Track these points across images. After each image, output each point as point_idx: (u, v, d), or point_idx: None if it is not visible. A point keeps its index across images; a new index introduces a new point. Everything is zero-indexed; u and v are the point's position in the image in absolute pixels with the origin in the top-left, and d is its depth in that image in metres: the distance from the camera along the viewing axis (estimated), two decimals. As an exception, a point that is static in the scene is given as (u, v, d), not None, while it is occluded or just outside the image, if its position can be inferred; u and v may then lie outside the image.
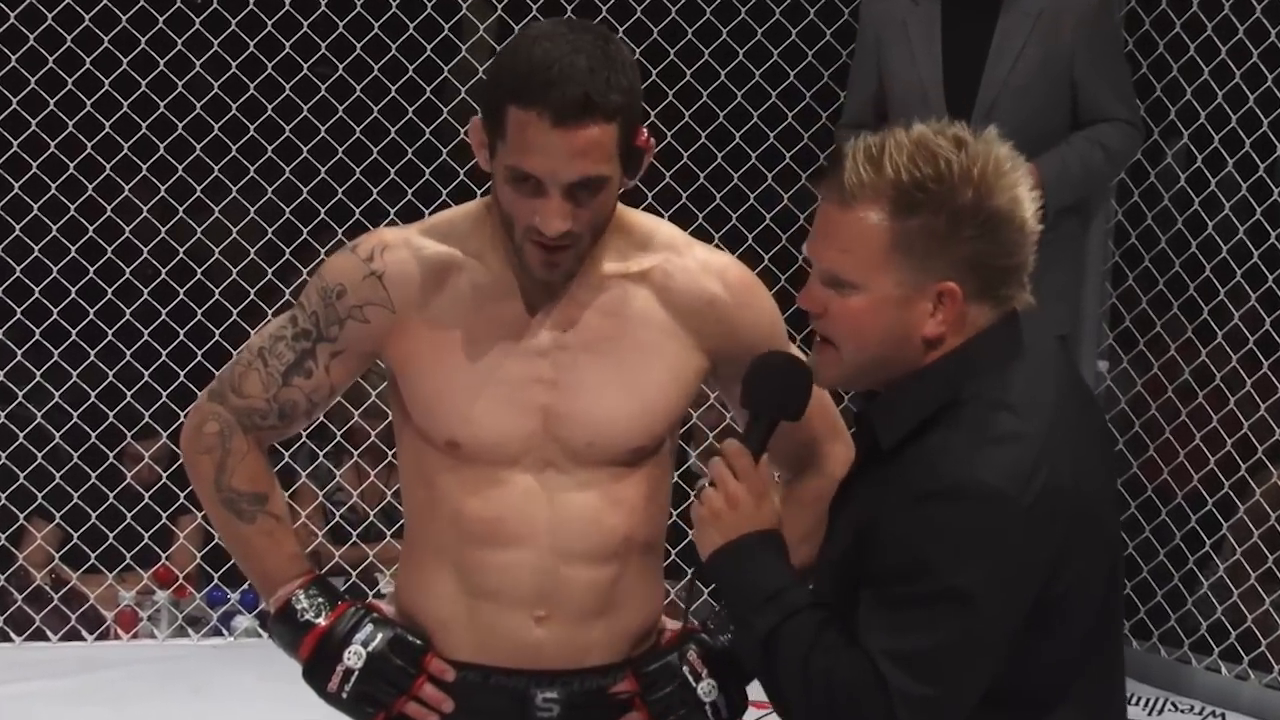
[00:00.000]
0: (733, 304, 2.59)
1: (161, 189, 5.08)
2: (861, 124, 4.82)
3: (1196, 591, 5.13)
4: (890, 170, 2.27)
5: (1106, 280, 5.21)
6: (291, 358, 2.59)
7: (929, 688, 2.25)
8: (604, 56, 2.42)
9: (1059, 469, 2.28)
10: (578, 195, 2.43)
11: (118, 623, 5.13)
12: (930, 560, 2.24)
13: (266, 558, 2.62)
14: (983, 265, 2.30)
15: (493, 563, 2.54)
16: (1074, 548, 2.31)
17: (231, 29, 4.97)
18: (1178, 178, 5.18)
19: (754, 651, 2.38)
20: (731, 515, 2.40)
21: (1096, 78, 4.66)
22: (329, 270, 2.59)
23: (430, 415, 2.55)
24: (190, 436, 2.64)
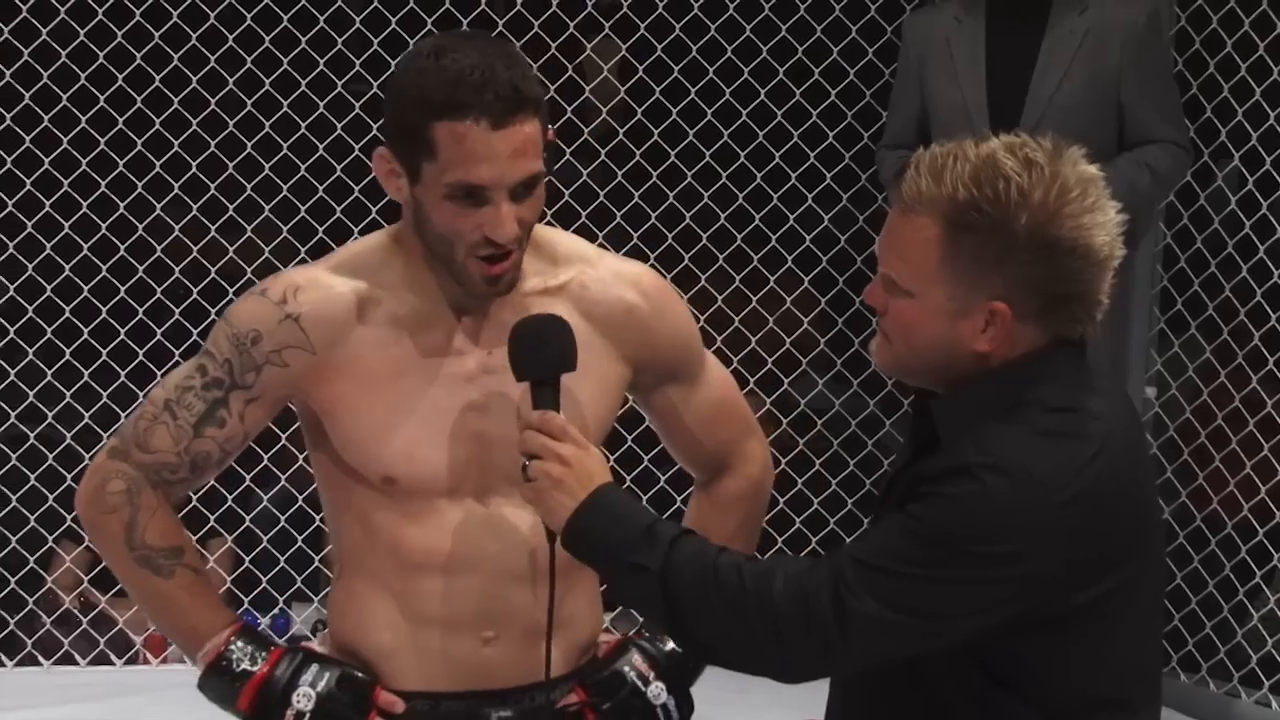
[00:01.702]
0: (650, 312, 2.60)
1: (194, 207, 5.05)
2: (903, 144, 4.78)
3: (1247, 624, 5.06)
4: (949, 184, 2.28)
5: (1154, 305, 5.15)
6: (202, 408, 2.53)
7: (877, 604, 2.24)
8: (507, 54, 2.42)
9: (1107, 475, 2.28)
10: (520, 196, 2.41)
11: (147, 647, 5.10)
12: (946, 516, 2.24)
13: (190, 612, 2.56)
14: (1040, 290, 2.30)
15: (437, 590, 2.53)
16: (1117, 554, 2.30)
17: (265, 46, 4.93)
18: (1228, 200, 5.11)
19: (652, 594, 2.33)
20: (571, 474, 2.38)
21: (1144, 98, 4.60)
22: (239, 316, 2.54)
23: (363, 454, 2.52)
24: (91, 498, 2.57)
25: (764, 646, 2.30)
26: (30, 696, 4.81)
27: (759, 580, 2.29)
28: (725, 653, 2.36)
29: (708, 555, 2.33)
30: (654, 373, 2.61)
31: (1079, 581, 2.28)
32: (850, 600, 2.25)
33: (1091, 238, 2.29)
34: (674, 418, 2.68)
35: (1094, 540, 2.28)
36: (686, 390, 2.66)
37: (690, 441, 2.70)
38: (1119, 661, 2.35)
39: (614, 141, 5.19)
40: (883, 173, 4.87)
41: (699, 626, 2.33)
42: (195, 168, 4.97)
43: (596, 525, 2.37)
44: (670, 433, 2.71)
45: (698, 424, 2.68)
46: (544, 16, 5.05)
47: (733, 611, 2.30)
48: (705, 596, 2.31)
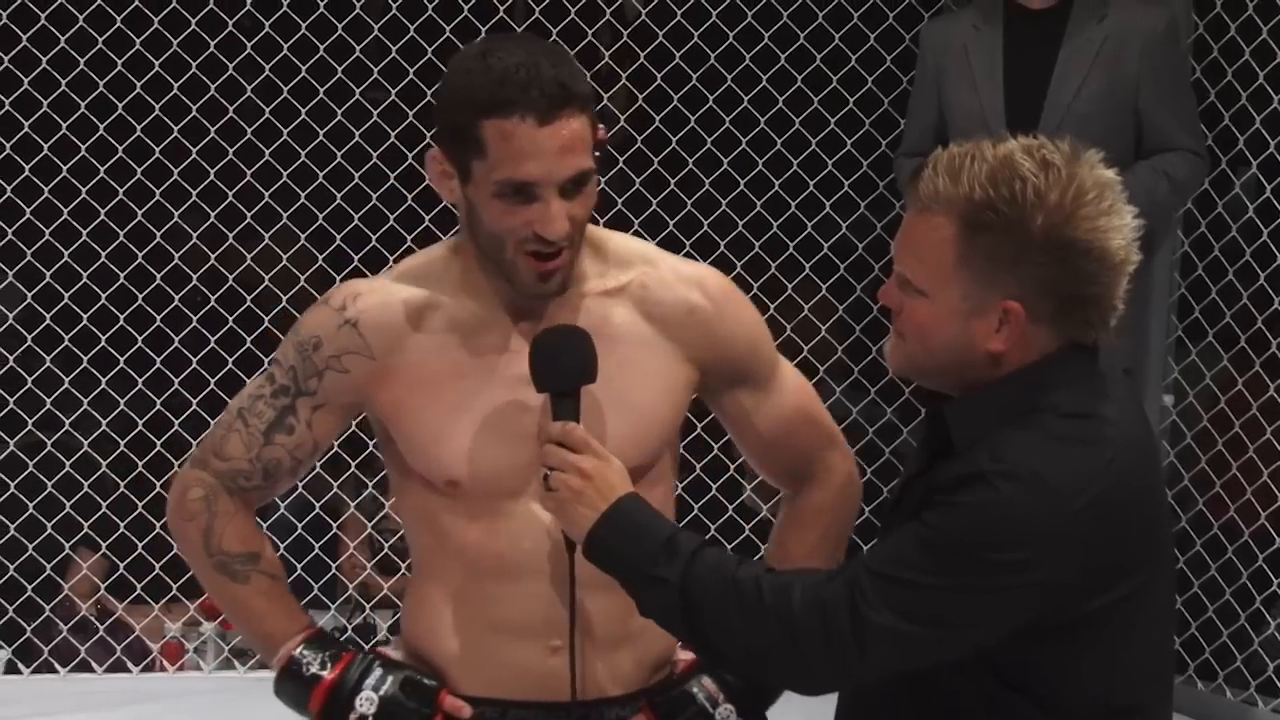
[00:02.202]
0: (713, 312, 2.59)
1: (211, 215, 5.05)
2: (921, 152, 4.77)
3: (1263, 632, 5.04)
4: (966, 184, 2.28)
5: (1172, 313, 5.14)
6: (272, 415, 2.58)
7: (894, 615, 2.25)
8: (554, 53, 2.43)
9: (1121, 482, 2.29)
10: (569, 193, 2.42)
11: (164, 654, 5.10)
12: (960, 524, 2.24)
13: (266, 618, 2.61)
14: (1055, 291, 2.30)
15: (503, 595, 2.54)
16: (1130, 561, 2.31)
17: (283, 54, 4.94)
18: (1246, 208, 5.10)
19: (672, 606, 2.34)
20: (591, 486, 2.39)
21: (1162, 106, 4.60)
22: (303, 324, 2.58)
23: (427, 458, 2.54)
24: (174, 507, 2.63)
25: (783, 659, 2.31)
26: (47, 704, 4.80)
27: (777, 593, 2.30)
28: (746, 665, 2.38)
29: (727, 568, 2.33)
30: (720, 374, 2.60)
31: (1093, 588, 2.28)
32: (867, 612, 2.25)
33: (1108, 241, 2.29)
34: (746, 424, 2.67)
35: (1108, 547, 2.28)
36: (758, 396, 2.65)
37: (765, 450, 2.69)
38: (1131, 668, 2.35)
39: (632, 149, 5.19)
40: (901, 180, 4.86)
41: (719, 639, 2.34)
42: (213, 175, 4.97)
43: (616, 537, 2.37)
44: (744, 440, 2.70)
45: (772, 431, 2.67)
46: (562, 24, 5.05)
47: (752, 624, 2.30)
48: (725, 609, 2.31)
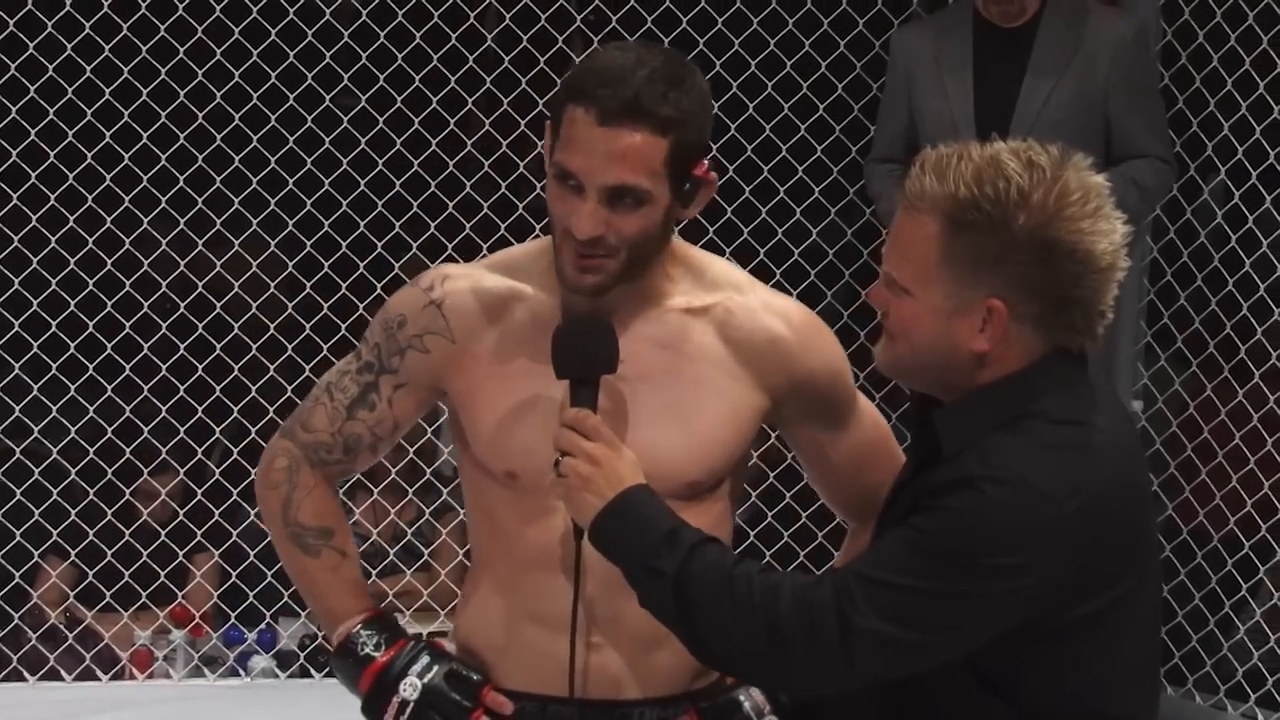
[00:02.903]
0: (796, 344, 2.57)
1: (181, 222, 5.03)
2: (891, 158, 4.78)
3: (1232, 636, 5.06)
4: (952, 183, 2.29)
5: (1141, 318, 5.15)
6: (356, 391, 2.63)
7: (881, 620, 2.25)
8: (669, 73, 2.42)
9: (1110, 488, 2.29)
10: (615, 204, 2.42)
11: (133, 662, 5.07)
12: (950, 529, 2.25)
13: (330, 593, 2.65)
14: (1039, 293, 2.30)
15: (547, 587, 2.53)
16: (1117, 567, 2.31)
17: (253, 60, 4.92)
18: (1214, 214, 5.12)
19: (666, 598, 2.35)
20: (600, 474, 2.40)
21: (1131, 113, 4.62)
22: (392, 303, 2.63)
23: (490, 447, 2.55)
24: (261, 473, 2.68)
25: (770, 659, 2.31)
26: (16, 713, 4.78)
27: (767, 593, 2.30)
28: (735, 663, 2.38)
29: (724, 564, 2.34)
30: (796, 407, 2.58)
31: (1080, 593, 2.29)
32: (855, 616, 2.26)
33: (1092, 244, 2.29)
34: (819, 457, 2.66)
35: (1096, 553, 2.28)
36: (833, 431, 2.64)
37: (836, 483, 2.69)
38: (1116, 677, 2.35)
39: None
40: (871, 187, 4.87)
41: (710, 635, 2.34)
42: (182, 182, 4.95)
43: (619, 526, 2.38)
44: (815, 472, 2.70)
45: (845, 466, 2.66)
46: (532, 31, 5.04)
47: (741, 622, 2.31)
48: (717, 605, 2.32)
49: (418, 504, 5.27)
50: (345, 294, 5.01)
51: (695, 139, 2.44)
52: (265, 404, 5.00)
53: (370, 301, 5.05)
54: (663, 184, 2.42)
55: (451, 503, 5.27)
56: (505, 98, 5.08)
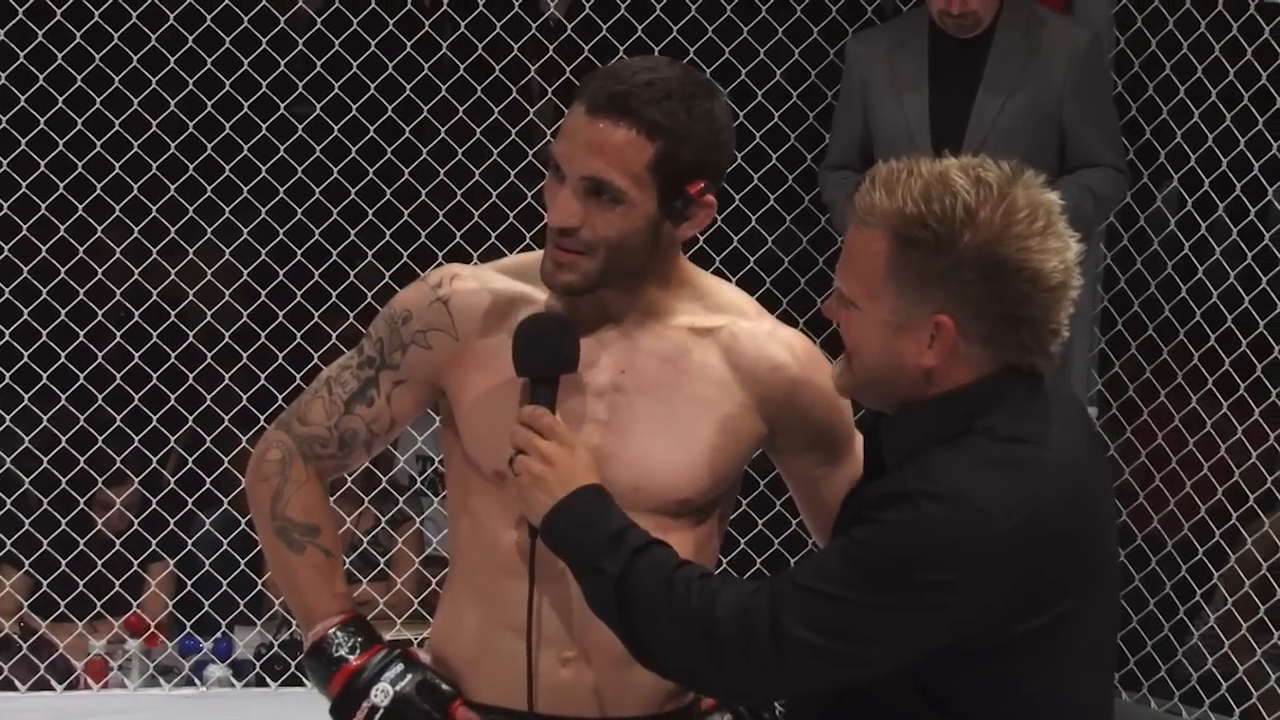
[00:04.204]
0: (798, 374, 2.55)
1: (135, 230, 5.01)
2: (846, 166, 4.80)
3: (1187, 642, 5.08)
4: (900, 198, 2.28)
5: (1095, 326, 5.17)
6: (355, 385, 2.61)
7: (810, 629, 2.24)
8: (675, 87, 2.42)
9: (1053, 508, 2.27)
10: (591, 198, 2.42)
11: (88, 672, 5.04)
12: (884, 542, 2.24)
13: (310, 591, 2.62)
14: (987, 310, 2.28)
15: (520, 595, 2.51)
16: (1060, 587, 2.28)
17: (207, 68, 4.90)
18: (1168, 222, 5.15)
19: (608, 599, 2.35)
20: (553, 473, 2.40)
21: (1085, 122, 4.64)
22: (398, 299, 2.62)
23: (481, 445, 2.54)
24: (253, 464, 2.66)
25: (704, 664, 2.31)
26: (-31, 723, 4.76)
27: (705, 597, 2.30)
28: (671, 666, 2.37)
29: (666, 567, 2.34)
30: (792, 437, 2.58)
31: (1016, 613, 2.27)
32: (786, 624, 2.25)
33: (1041, 262, 2.27)
34: (812, 490, 2.64)
35: (1035, 573, 2.26)
36: (829, 465, 2.62)
37: (825, 518, 2.64)
38: (1062, 693, 2.34)
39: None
40: (826, 194, 4.88)
41: (648, 637, 2.34)
42: (136, 190, 4.93)
43: (568, 525, 2.38)
44: (808, 504, 2.68)
45: (835, 502, 2.60)
46: (487, 39, 5.04)
47: (678, 626, 2.31)
48: (655, 608, 2.32)
49: (374, 513, 5.26)
50: (300, 302, 5.00)
51: (693, 157, 2.42)
52: (220, 413, 4.98)
53: (325, 310, 5.04)
54: (644, 191, 2.42)
55: (408, 511, 5.26)
56: (460, 105, 5.07)
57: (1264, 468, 4.95)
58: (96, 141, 4.86)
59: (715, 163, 2.47)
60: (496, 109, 5.04)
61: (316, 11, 5.18)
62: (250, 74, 4.92)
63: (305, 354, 4.98)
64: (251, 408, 5.00)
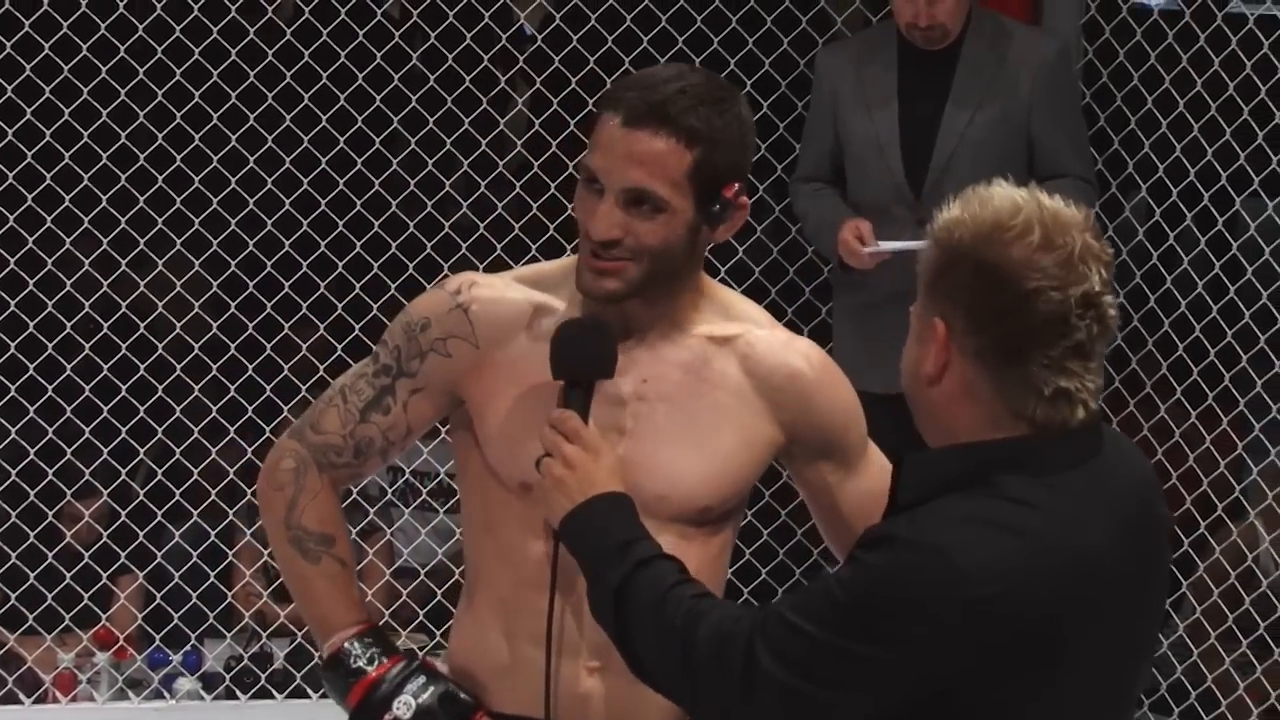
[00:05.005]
0: (813, 382, 2.58)
1: (104, 242, 4.99)
2: (817, 178, 4.81)
3: (1156, 651, 5.08)
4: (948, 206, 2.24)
5: (1064, 335, 5.16)
6: (371, 394, 2.59)
7: (778, 662, 2.20)
8: (705, 92, 2.44)
9: (1044, 582, 2.15)
10: (633, 209, 2.43)
11: (56, 685, 5.02)
12: (858, 584, 2.17)
13: (325, 601, 2.61)
14: (978, 320, 2.19)
15: (547, 607, 2.51)
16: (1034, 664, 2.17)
17: (176, 79, 4.89)
18: (1136, 232, 5.17)
19: (607, 608, 2.35)
20: (574, 477, 2.41)
21: (1054, 132, 4.65)
22: (415, 306, 2.61)
23: (505, 455, 2.54)
24: (266, 473, 2.64)
25: (682, 683, 2.30)
26: (-63, 737, 4.74)
27: (690, 617, 2.28)
28: (655, 681, 2.36)
29: (662, 584, 2.33)
30: (808, 445, 2.59)
31: (986, 681, 2.17)
32: (760, 655, 2.22)
33: (1027, 279, 2.15)
34: (826, 498, 2.65)
35: (1005, 644, 2.16)
36: (843, 473, 2.63)
37: (841, 527, 2.66)
38: None
39: (529, 174, 5.19)
40: (797, 206, 4.89)
41: (639, 650, 2.34)
42: (105, 202, 4.92)
43: (583, 531, 2.39)
44: (822, 513, 2.68)
45: (851, 511, 2.64)
46: (458, 50, 5.04)
47: (663, 643, 2.30)
48: (646, 622, 2.31)
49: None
50: (270, 314, 4.98)
51: (727, 161, 2.44)
52: (190, 424, 4.97)
53: (295, 321, 5.03)
54: (685, 198, 2.43)
55: (378, 522, 5.25)
56: (431, 117, 5.07)
57: (1232, 477, 4.98)
58: (65, 153, 4.84)
59: (746, 164, 2.51)
60: (467, 120, 5.03)
61: (286, 22, 5.17)
62: (219, 85, 4.91)
63: (275, 366, 4.97)
64: (221, 419, 4.99)
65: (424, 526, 5.30)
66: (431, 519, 5.33)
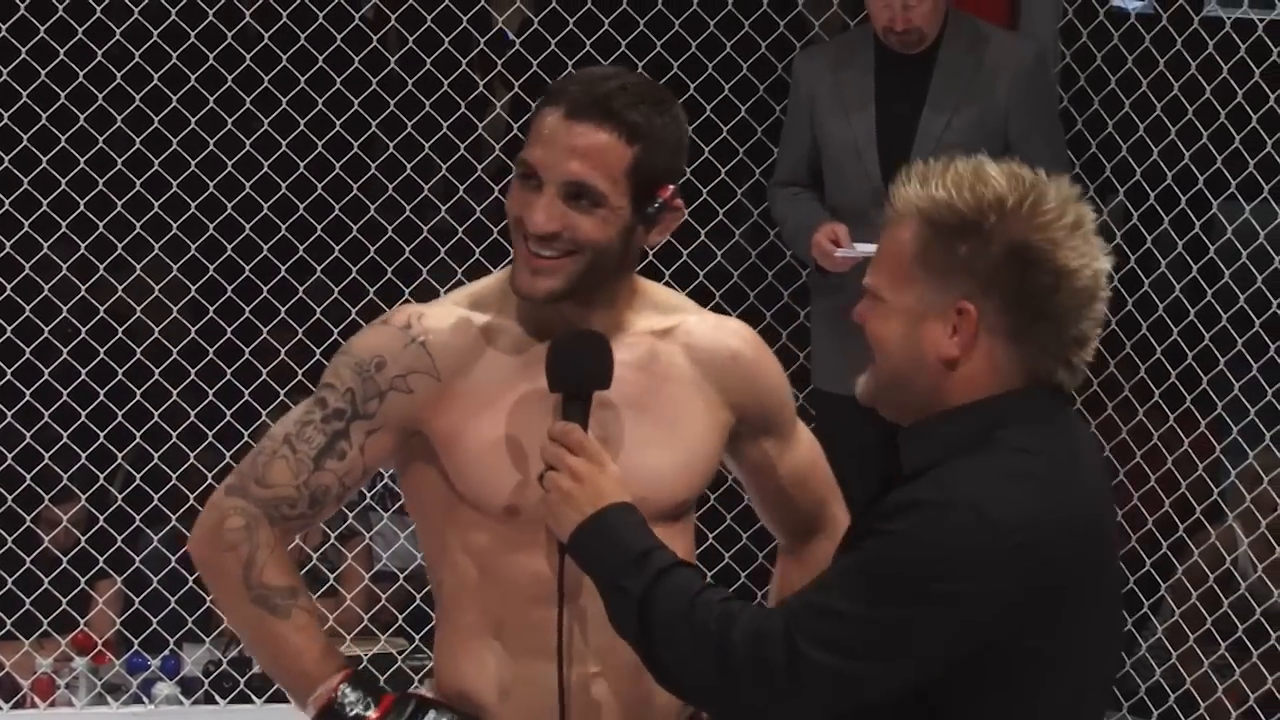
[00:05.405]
0: (753, 360, 2.61)
1: (81, 246, 4.99)
2: (795, 182, 4.81)
3: (1135, 653, 5.10)
4: (932, 187, 2.28)
5: (1042, 338, 5.17)
6: (322, 441, 2.50)
7: (825, 650, 2.22)
8: (646, 92, 2.46)
9: (1065, 523, 2.25)
10: (572, 203, 2.41)
11: (34, 691, 5.01)
12: (895, 553, 2.22)
13: (304, 656, 2.51)
14: (1011, 303, 2.25)
15: (548, 620, 2.49)
16: (1065, 603, 2.25)
17: (154, 84, 4.89)
18: (1113, 235, 5.17)
19: (630, 620, 2.33)
20: (582, 490, 2.39)
21: (1031, 136, 4.65)
22: (361, 346, 2.53)
23: (485, 485, 2.50)
24: (209, 536, 2.52)
25: (721, 688, 2.29)
26: (-85, 743, 4.73)
27: (723, 620, 2.28)
28: (688, 689, 2.36)
29: (689, 591, 2.32)
30: (753, 422, 2.61)
31: (1023, 629, 2.23)
32: (802, 645, 2.22)
33: (1068, 259, 2.23)
34: (768, 473, 2.67)
35: (1041, 590, 2.23)
36: (780, 445, 2.65)
37: (782, 500, 2.69)
38: (1062, 712, 2.30)
39: (508, 178, 5.17)
40: (775, 209, 4.89)
41: (668, 659, 2.32)
42: (83, 206, 4.91)
43: (596, 543, 2.37)
44: (761, 490, 2.70)
45: (790, 482, 2.67)
46: (436, 54, 5.04)
47: (696, 649, 2.29)
48: (675, 630, 2.30)
49: (323, 528, 5.24)
50: (249, 318, 4.98)
51: (665, 161, 2.44)
52: (168, 429, 4.96)
53: (273, 325, 5.03)
54: (623, 195, 2.42)
55: (357, 527, 5.25)
56: (409, 120, 5.07)
57: (1210, 479, 4.99)
58: (42, 157, 4.84)
59: (682, 167, 2.50)
60: (445, 123, 5.03)
61: (264, 27, 5.17)
62: (197, 88, 4.91)
63: (254, 370, 4.97)
64: (199, 424, 4.98)
65: (403, 530, 5.30)
66: (411, 523, 5.32)
